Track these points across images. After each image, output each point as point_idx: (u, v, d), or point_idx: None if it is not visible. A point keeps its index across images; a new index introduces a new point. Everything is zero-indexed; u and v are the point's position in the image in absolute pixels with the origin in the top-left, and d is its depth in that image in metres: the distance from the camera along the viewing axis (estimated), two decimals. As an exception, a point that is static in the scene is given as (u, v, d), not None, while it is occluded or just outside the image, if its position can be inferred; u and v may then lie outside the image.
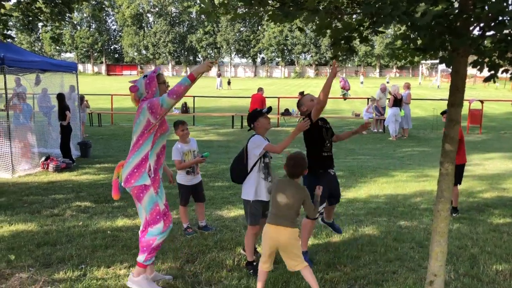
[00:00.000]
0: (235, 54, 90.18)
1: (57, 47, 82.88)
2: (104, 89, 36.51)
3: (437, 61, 3.05)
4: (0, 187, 8.13)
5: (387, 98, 16.74)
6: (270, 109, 4.57)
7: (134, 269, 4.06)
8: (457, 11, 2.87)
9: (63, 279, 4.20)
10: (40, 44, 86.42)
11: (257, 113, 4.54)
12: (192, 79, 3.70)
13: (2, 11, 9.23)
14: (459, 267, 4.60)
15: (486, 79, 3.09)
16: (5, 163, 9.03)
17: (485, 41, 2.95)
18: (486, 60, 2.97)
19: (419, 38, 2.96)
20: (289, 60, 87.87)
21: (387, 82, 40.18)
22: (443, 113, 6.71)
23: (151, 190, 3.89)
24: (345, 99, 20.75)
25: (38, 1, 10.54)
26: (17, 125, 9.45)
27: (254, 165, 4.44)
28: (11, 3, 11.15)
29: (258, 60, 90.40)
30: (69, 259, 4.70)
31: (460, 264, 4.68)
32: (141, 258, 3.97)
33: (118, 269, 4.44)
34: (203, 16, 71.97)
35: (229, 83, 47.01)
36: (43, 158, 9.77)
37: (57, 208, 6.72)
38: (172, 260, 4.71)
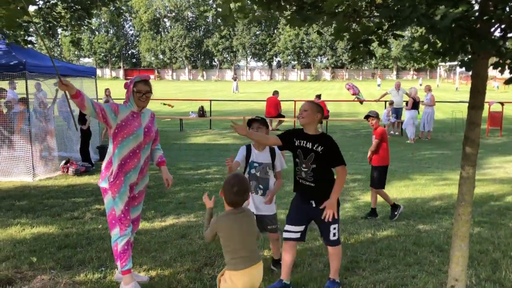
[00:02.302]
0: (251, 58, 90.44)
1: (76, 52, 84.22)
2: (122, 94, 36.87)
3: (456, 63, 3.02)
4: (22, 190, 8.28)
5: (404, 101, 16.54)
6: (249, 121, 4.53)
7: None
8: (477, 13, 2.84)
9: (84, 282, 4.26)
10: (59, 49, 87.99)
11: None
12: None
13: (25, 17, 9.42)
14: (481, 271, 4.53)
15: (507, 81, 3.05)
16: (27, 167, 9.19)
17: (507, 43, 2.91)
18: (508, 62, 2.93)
19: (438, 41, 2.93)
20: (305, 63, 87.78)
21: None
22: (366, 117, 6.80)
23: (109, 194, 3.99)
24: (361, 102, 20.53)
25: (58, 7, 10.73)
26: (38, 129, 9.60)
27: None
28: (32, 9, 11.38)
29: (274, 63, 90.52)
30: (89, 261, 4.77)
31: (481, 268, 4.61)
32: (118, 267, 4.10)
33: (137, 271, 4.48)
34: (219, 20, 72.24)
35: None
36: (63, 162, 9.92)
37: (77, 211, 6.82)
38: (190, 263, 4.74)
